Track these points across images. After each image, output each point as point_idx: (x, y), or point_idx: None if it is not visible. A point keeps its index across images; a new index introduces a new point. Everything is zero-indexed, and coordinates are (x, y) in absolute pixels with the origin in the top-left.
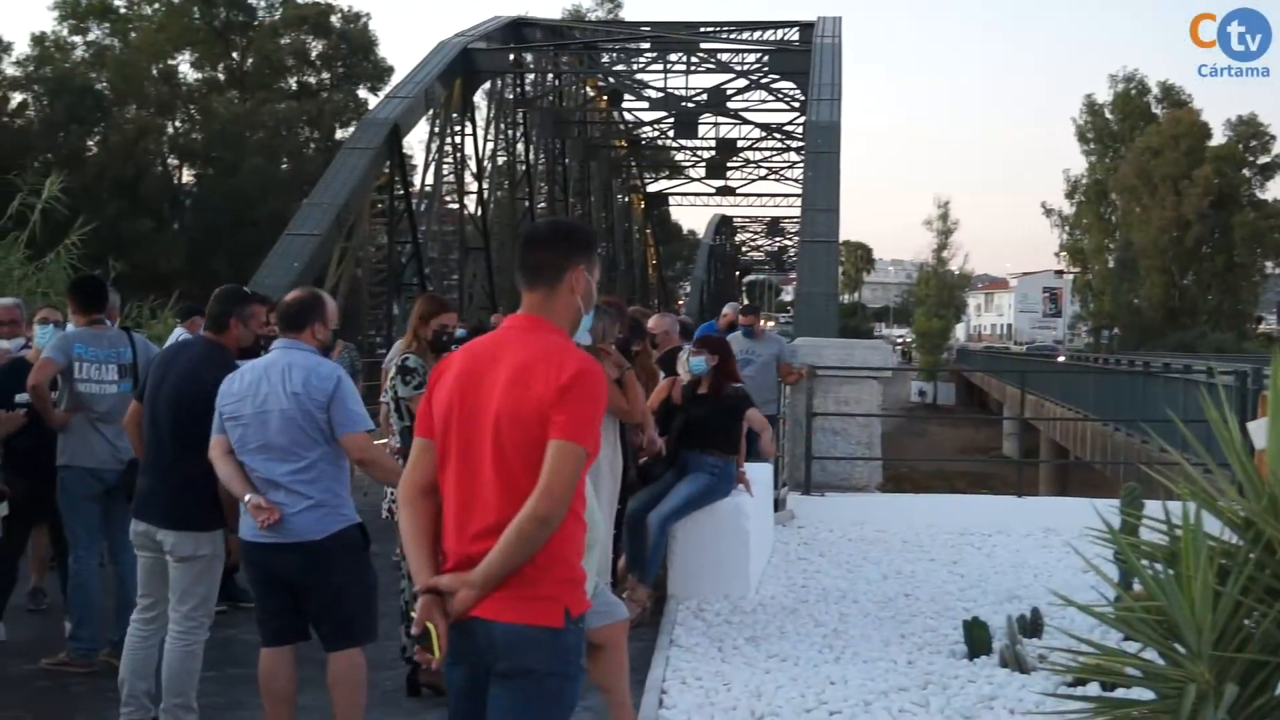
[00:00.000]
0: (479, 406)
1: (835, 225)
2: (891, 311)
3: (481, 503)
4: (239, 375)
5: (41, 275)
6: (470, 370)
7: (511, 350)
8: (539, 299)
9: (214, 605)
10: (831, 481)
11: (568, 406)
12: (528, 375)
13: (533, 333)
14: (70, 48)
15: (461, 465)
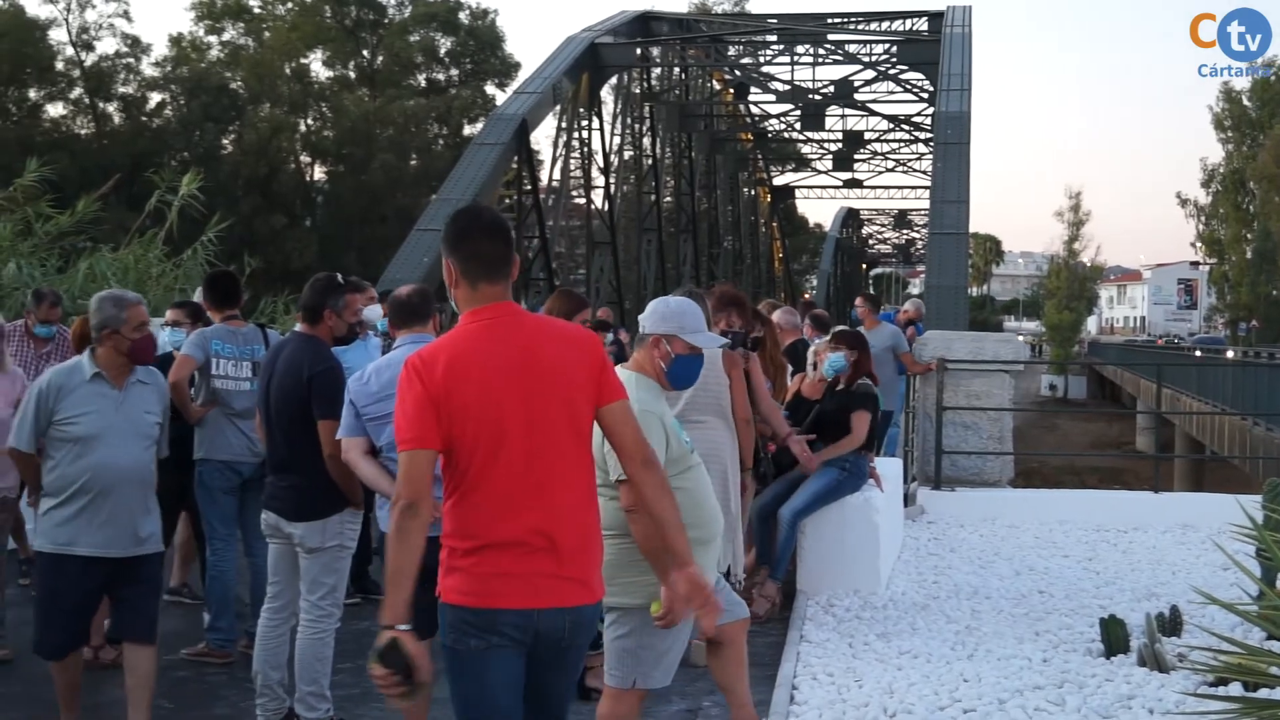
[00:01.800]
0: (513, 395)
1: (965, 217)
2: (1021, 304)
3: (562, 480)
4: (373, 373)
5: (179, 271)
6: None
7: (509, 335)
8: (501, 289)
9: (343, 594)
10: (962, 476)
11: (609, 370)
12: (563, 348)
13: (516, 315)
14: (206, 48)
15: (528, 450)
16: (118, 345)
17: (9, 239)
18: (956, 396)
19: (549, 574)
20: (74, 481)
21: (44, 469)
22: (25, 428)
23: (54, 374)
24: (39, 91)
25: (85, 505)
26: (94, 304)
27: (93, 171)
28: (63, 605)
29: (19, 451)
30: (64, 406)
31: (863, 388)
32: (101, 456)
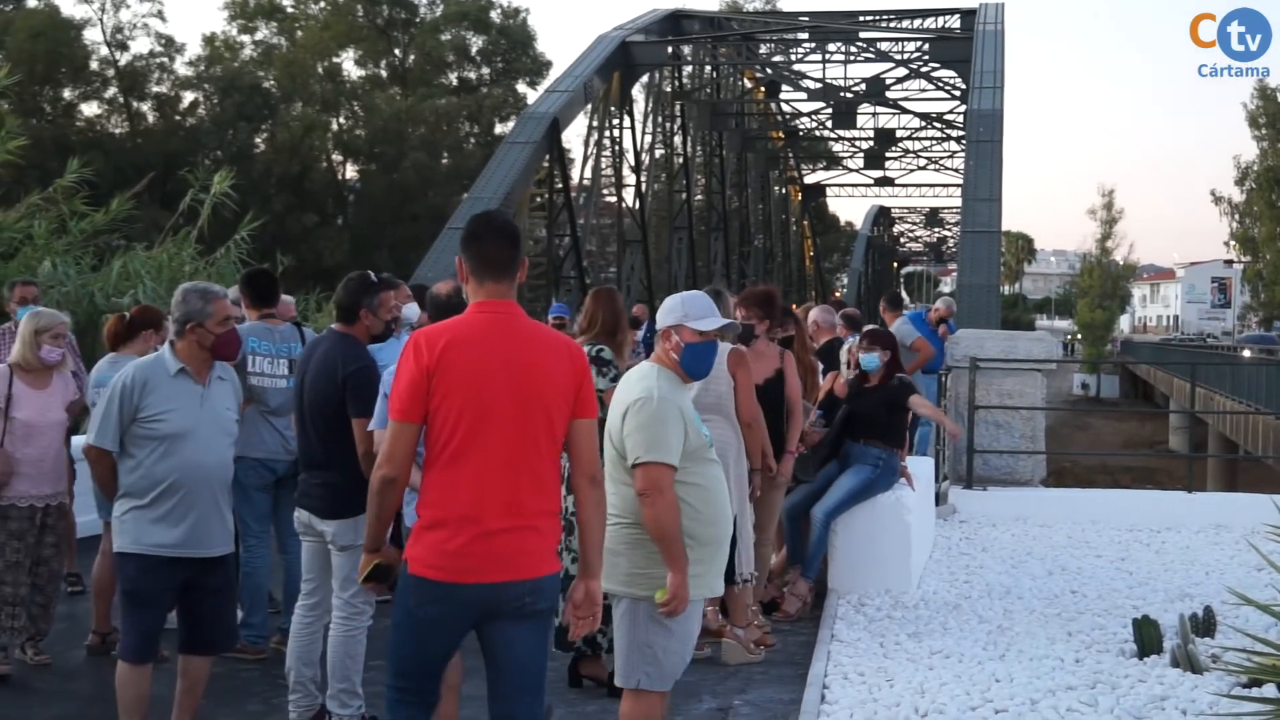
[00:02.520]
0: (502, 392)
1: (997, 215)
2: (1053, 303)
3: (531, 471)
4: None
5: (212, 270)
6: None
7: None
8: (505, 288)
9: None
10: (993, 475)
11: (589, 384)
12: (553, 358)
13: (517, 317)
14: (239, 47)
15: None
16: (202, 339)
17: (44, 237)
18: (988, 395)
19: (514, 549)
20: (161, 481)
21: (123, 468)
22: (109, 425)
23: (137, 368)
24: (74, 91)
25: (173, 505)
26: (179, 296)
27: (126, 170)
28: (151, 607)
29: (99, 449)
30: (150, 403)
31: (903, 380)
32: (189, 454)
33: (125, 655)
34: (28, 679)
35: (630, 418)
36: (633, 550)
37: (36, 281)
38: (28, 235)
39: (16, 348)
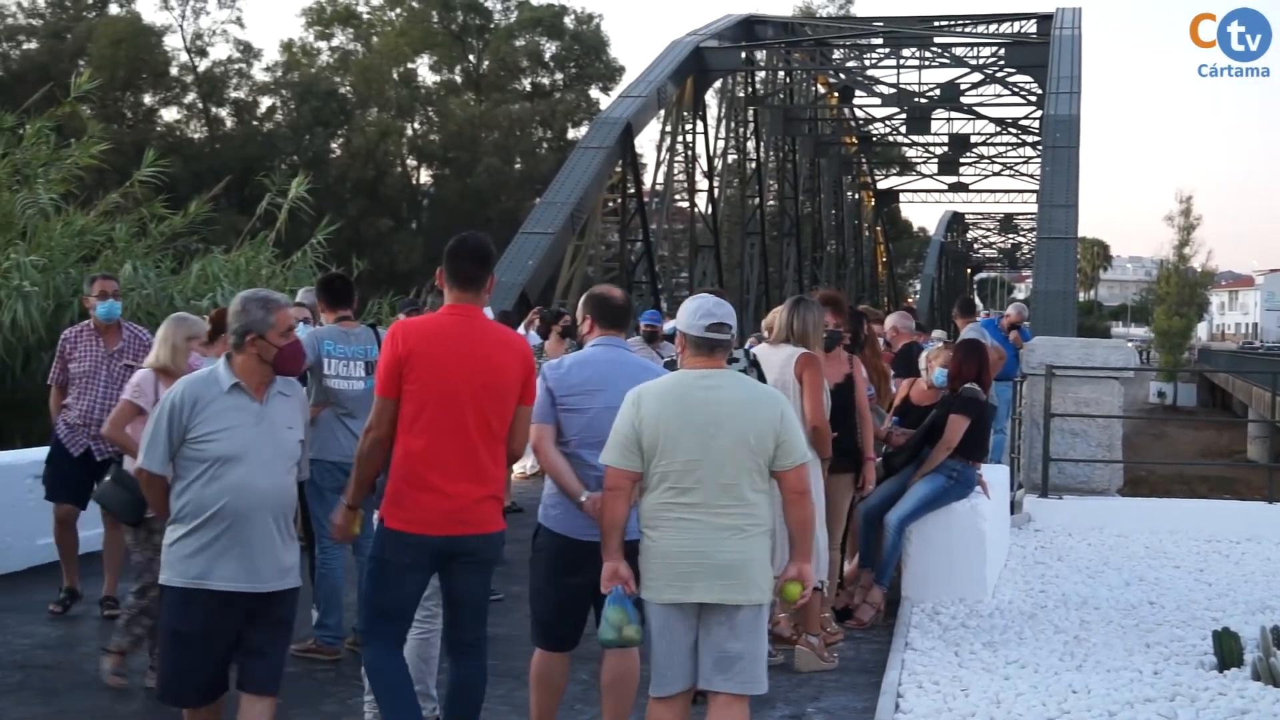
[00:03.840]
0: (462, 379)
1: (1074, 222)
2: (1129, 310)
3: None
4: (575, 366)
5: (288, 273)
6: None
7: (469, 333)
8: (472, 296)
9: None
10: (1069, 484)
11: (532, 376)
12: (507, 354)
13: (479, 319)
14: (316, 53)
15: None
16: (263, 352)
17: (125, 240)
18: (1065, 403)
19: (468, 510)
20: (208, 507)
21: (171, 492)
22: (158, 446)
23: (187, 385)
24: (154, 96)
25: (220, 533)
26: (237, 305)
27: (204, 175)
28: (194, 647)
29: (150, 473)
30: (200, 421)
31: (966, 392)
32: (240, 478)
33: (165, 699)
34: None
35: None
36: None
37: (116, 276)
38: (109, 238)
39: (163, 351)
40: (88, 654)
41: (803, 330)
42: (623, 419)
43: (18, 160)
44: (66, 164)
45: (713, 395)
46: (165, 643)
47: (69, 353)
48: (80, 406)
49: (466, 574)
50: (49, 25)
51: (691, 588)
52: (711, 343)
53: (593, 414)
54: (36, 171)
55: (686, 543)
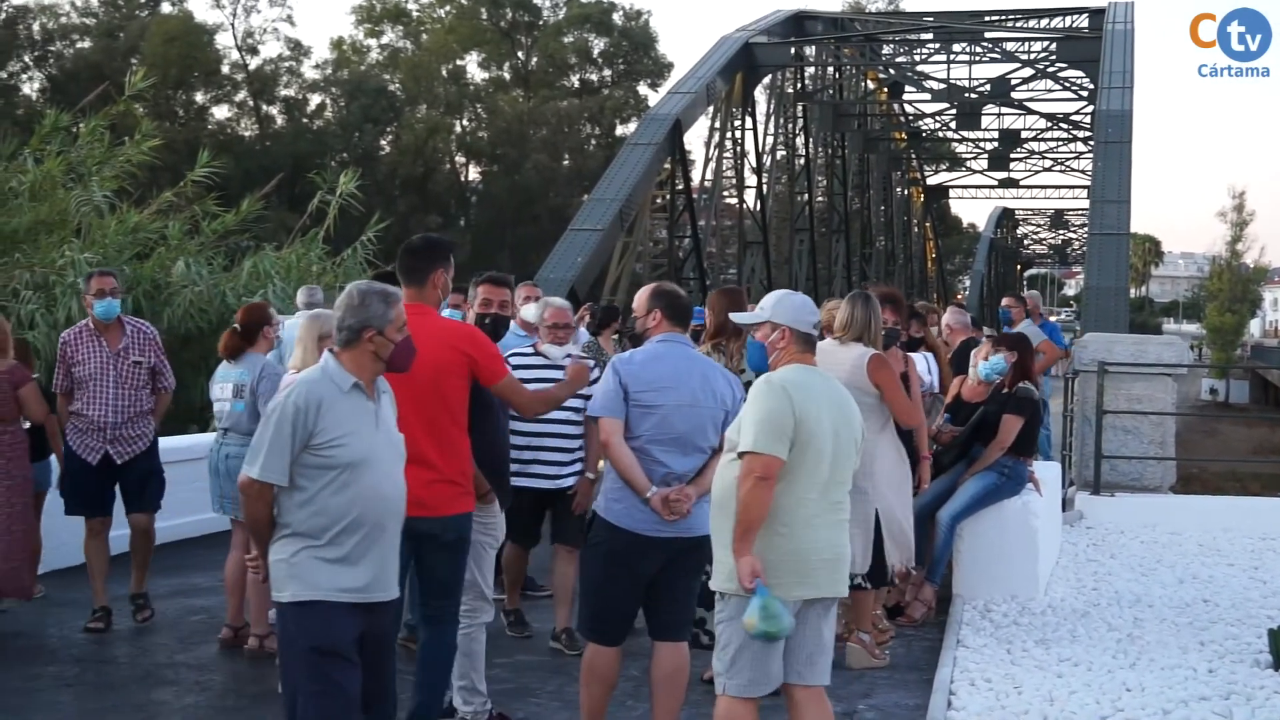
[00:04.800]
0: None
1: (1126, 217)
2: (1180, 306)
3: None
4: (648, 362)
5: (339, 270)
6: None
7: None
8: (414, 292)
9: (491, 590)
10: (1122, 481)
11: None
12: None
13: (422, 315)
14: (366, 51)
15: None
16: (380, 349)
17: (178, 237)
18: (1117, 400)
19: (428, 494)
20: (340, 517)
21: (289, 502)
22: (279, 455)
23: (308, 386)
24: (206, 94)
25: (356, 544)
26: (354, 298)
27: (255, 172)
28: (346, 662)
29: (261, 484)
30: (327, 425)
31: (1021, 391)
32: (370, 484)
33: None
34: (163, 672)
35: None
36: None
37: (115, 272)
38: (162, 236)
39: (299, 353)
40: (143, 648)
41: (867, 326)
42: (778, 407)
43: (73, 158)
44: (120, 162)
45: (835, 393)
46: (305, 665)
47: (70, 356)
48: (92, 411)
49: (432, 556)
50: (102, 24)
51: (819, 583)
52: (814, 339)
53: (665, 411)
54: (91, 169)
55: (822, 539)
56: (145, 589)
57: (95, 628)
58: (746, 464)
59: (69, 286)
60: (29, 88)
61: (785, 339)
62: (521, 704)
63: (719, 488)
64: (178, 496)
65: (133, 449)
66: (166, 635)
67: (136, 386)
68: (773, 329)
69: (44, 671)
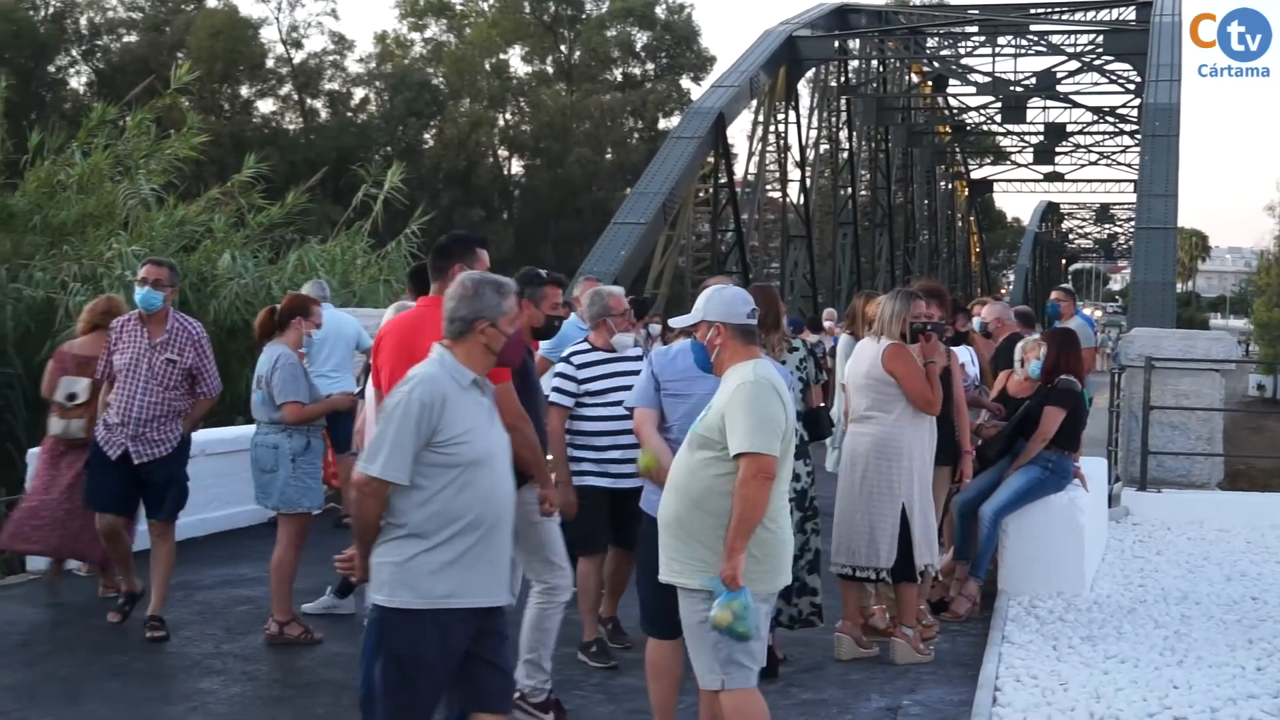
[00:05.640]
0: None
1: (1173, 211)
2: (1228, 301)
3: None
4: (681, 353)
5: (383, 262)
6: (405, 336)
7: (411, 320)
8: (439, 287)
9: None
10: (1168, 478)
11: None
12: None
13: (424, 309)
14: (409, 45)
15: None
16: (492, 341)
17: (224, 230)
18: (1164, 396)
19: None
20: (458, 517)
21: (406, 502)
22: (402, 452)
23: (431, 381)
24: (250, 88)
25: (471, 546)
26: (468, 288)
27: (300, 166)
28: (430, 674)
29: (379, 482)
30: (449, 422)
31: (1062, 384)
32: (490, 483)
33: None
34: (210, 661)
35: None
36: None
37: (171, 264)
38: (208, 229)
39: None
40: (190, 638)
41: (891, 319)
42: (773, 406)
43: (120, 152)
44: (166, 155)
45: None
46: (389, 673)
47: (114, 343)
48: (119, 404)
49: None
50: (148, 18)
51: (789, 573)
52: (753, 330)
53: (695, 400)
54: (138, 162)
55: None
56: (163, 612)
57: (116, 620)
58: (753, 464)
59: (116, 279)
60: (76, 81)
61: (722, 335)
62: (565, 696)
63: (698, 486)
64: (227, 488)
65: (154, 451)
66: (214, 625)
67: (167, 385)
68: (709, 328)
69: (94, 659)
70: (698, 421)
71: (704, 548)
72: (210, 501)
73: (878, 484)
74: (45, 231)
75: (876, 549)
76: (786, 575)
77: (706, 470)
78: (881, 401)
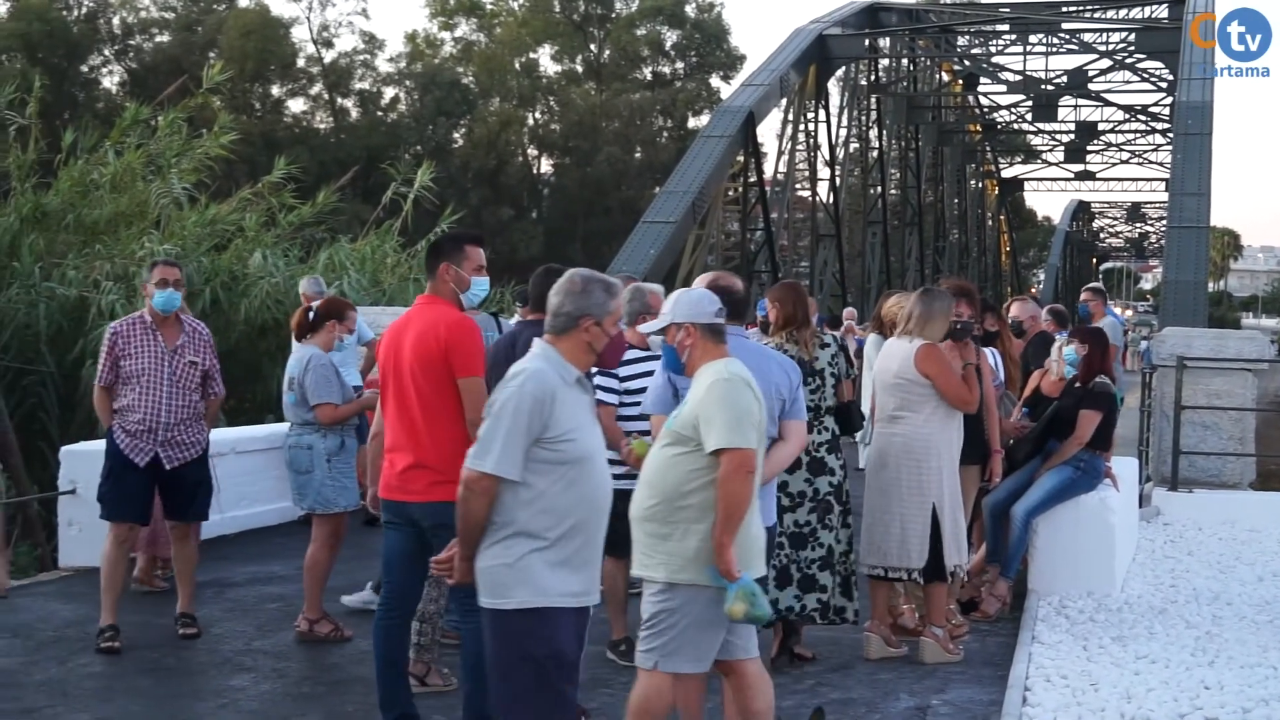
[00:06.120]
0: (404, 359)
1: (1206, 211)
2: (1260, 301)
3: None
4: None
5: (413, 261)
6: (395, 336)
7: (415, 318)
8: (432, 286)
9: None
10: (1200, 478)
11: (456, 353)
12: (427, 335)
13: (432, 306)
14: (439, 44)
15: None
16: (595, 340)
17: (255, 229)
18: (1195, 395)
19: (409, 478)
20: (566, 517)
21: (513, 500)
22: (515, 448)
23: (542, 375)
24: (281, 88)
25: (580, 545)
26: (576, 284)
27: (330, 165)
28: (573, 674)
29: (491, 478)
30: (560, 418)
31: (1098, 386)
32: (594, 483)
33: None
34: (241, 658)
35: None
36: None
37: (180, 265)
38: (239, 228)
39: None
40: (221, 635)
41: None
42: (748, 401)
43: (152, 151)
44: (198, 154)
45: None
46: (525, 677)
47: (121, 349)
48: (142, 410)
49: (422, 539)
50: (181, 18)
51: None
52: (722, 329)
53: None
54: (170, 162)
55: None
56: (193, 608)
57: (110, 648)
58: (736, 459)
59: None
60: (109, 81)
61: (691, 336)
62: (593, 695)
63: (670, 482)
64: (257, 485)
65: (185, 455)
66: (244, 622)
67: (190, 388)
68: (678, 329)
69: (125, 656)
70: (671, 418)
71: (674, 543)
72: (241, 499)
73: (909, 485)
74: (78, 230)
75: (908, 550)
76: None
77: (679, 466)
78: (911, 402)
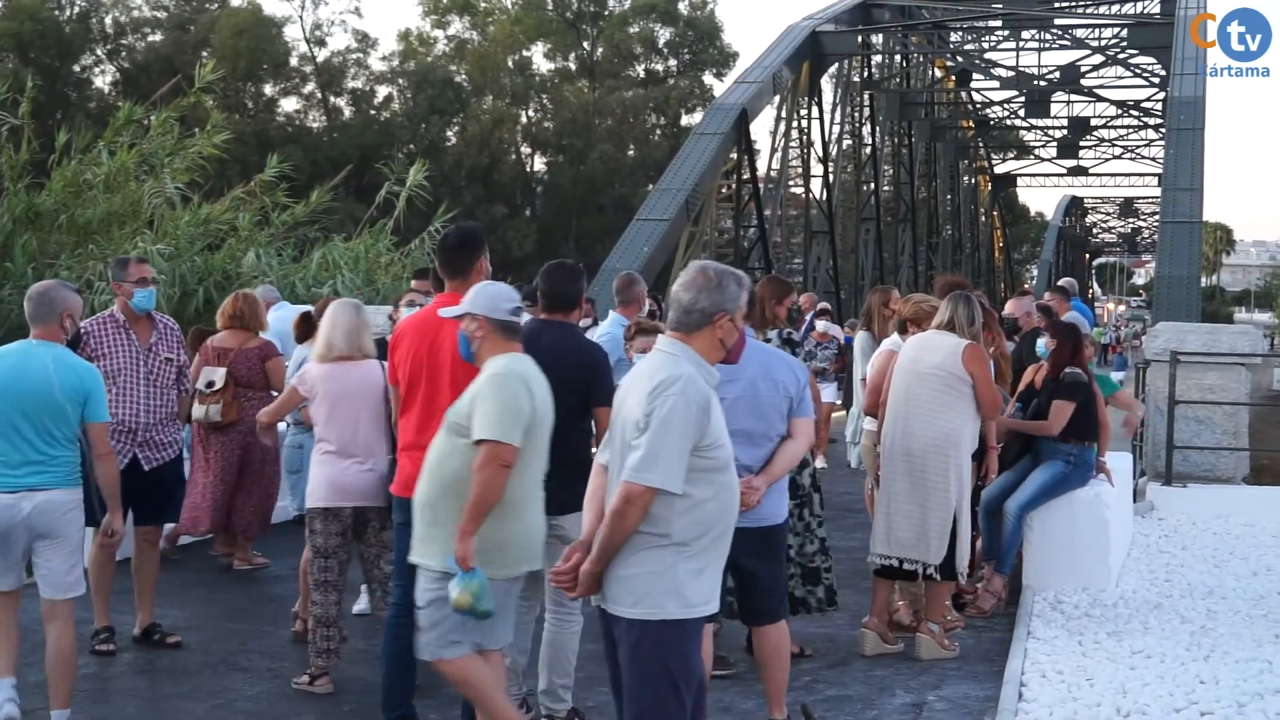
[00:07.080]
0: (438, 360)
1: (1198, 205)
2: (1253, 295)
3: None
4: None
5: (407, 260)
6: (424, 333)
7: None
8: (459, 283)
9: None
10: (1194, 472)
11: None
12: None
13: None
14: (432, 42)
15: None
16: (726, 336)
17: (248, 228)
18: (1189, 390)
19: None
20: (713, 525)
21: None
22: (680, 458)
23: (695, 380)
24: (274, 87)
25: (717, 554)
26: (711, 279)
27: (323, 164)
28: (690, 686)
29: (656, 493)
30: (713, 425)
31: (1068, 377)
32: (731, 489)
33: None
34: (236, 659)
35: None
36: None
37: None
38: (233, 227)
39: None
40: (216, 635)
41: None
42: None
43: (145, 150)
44: (191, 154)
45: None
46: (662, 689)
47: (94, 348)
48: (120, 411)
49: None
50: (173, 17)
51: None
52: (516, 326)
53: (726, 405)
54: (163, 161)
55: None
56: (155, 618)
57: (105, 650)
58: (491, 451)
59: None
60: (101, 81)
61: (483, 328)
62: (591, 693)
63: (448, 471)
64: None
65: (163, 455)
66: (240, 622)
67: (166, 386)
68: (472, 320)
69: (120, 657)
70: (451, 409)
71: (447, 531)
72: None
73: (935, 478)
74: (71, 230)
75: (927, 543)
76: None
77: (456, 456)
78: (949, 397)
